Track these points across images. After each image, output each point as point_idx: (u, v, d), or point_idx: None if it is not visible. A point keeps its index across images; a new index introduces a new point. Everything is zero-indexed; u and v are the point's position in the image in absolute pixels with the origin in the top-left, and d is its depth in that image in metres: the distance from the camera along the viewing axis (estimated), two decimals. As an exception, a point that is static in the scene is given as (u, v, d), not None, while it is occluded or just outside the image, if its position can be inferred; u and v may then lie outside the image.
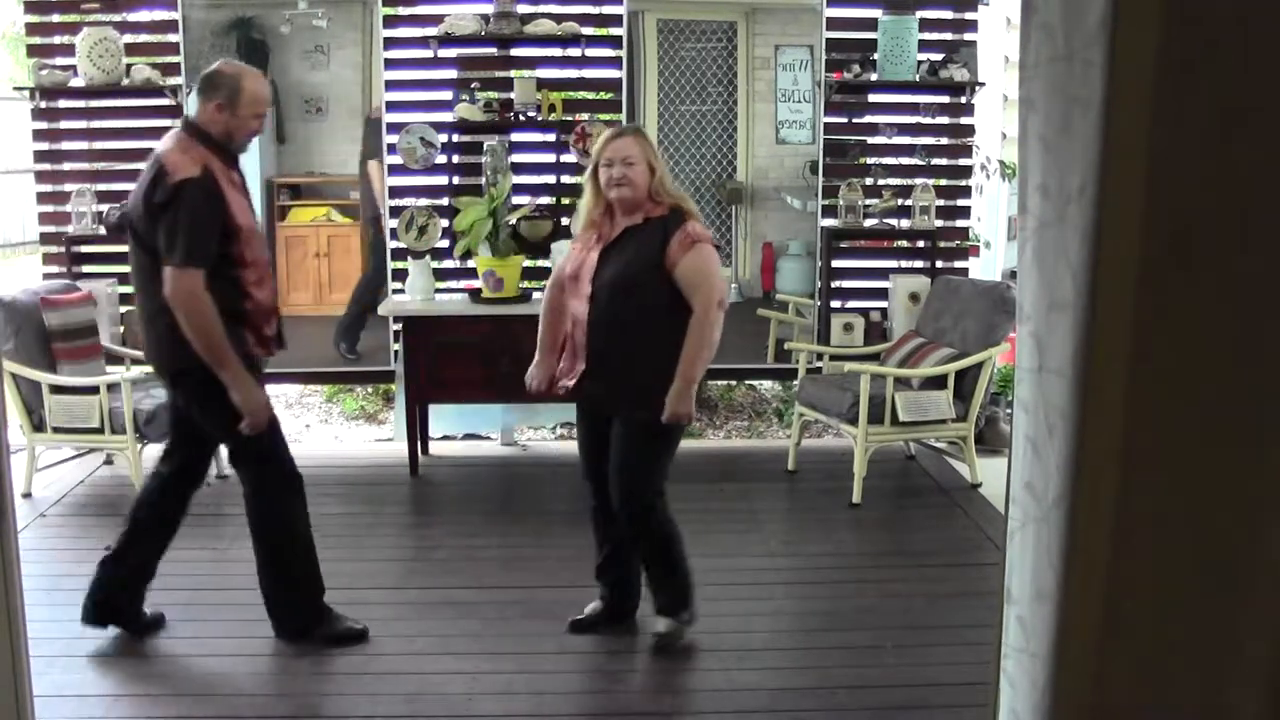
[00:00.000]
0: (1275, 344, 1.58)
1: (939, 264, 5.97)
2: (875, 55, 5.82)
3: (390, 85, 5.77)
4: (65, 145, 5.89)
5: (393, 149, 5.78)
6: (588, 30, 5.81)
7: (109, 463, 5.51)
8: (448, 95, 5.82)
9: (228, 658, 3.58)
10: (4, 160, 11.54)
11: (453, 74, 5.88)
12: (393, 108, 5.78)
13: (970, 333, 5.22)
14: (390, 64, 5.78)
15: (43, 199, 5.94)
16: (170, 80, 5.67)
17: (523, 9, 5.77)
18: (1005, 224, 6.70)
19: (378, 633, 3.73)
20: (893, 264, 6.11)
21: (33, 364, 4.95)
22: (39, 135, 5.85)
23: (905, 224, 5.98)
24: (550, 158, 5.89)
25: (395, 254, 5.85)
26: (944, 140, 6.09)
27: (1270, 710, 1.67)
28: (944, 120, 6.06)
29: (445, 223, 5.79)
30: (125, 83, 5.63)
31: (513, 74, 5.89)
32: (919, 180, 5.96)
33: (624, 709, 3.38)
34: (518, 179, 5.72)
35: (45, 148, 5.87)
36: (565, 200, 5.90)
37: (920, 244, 6.04)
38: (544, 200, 5.90)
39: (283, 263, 5.88)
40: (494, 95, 5.77)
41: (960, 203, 6.21)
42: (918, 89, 5.91)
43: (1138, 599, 1.66)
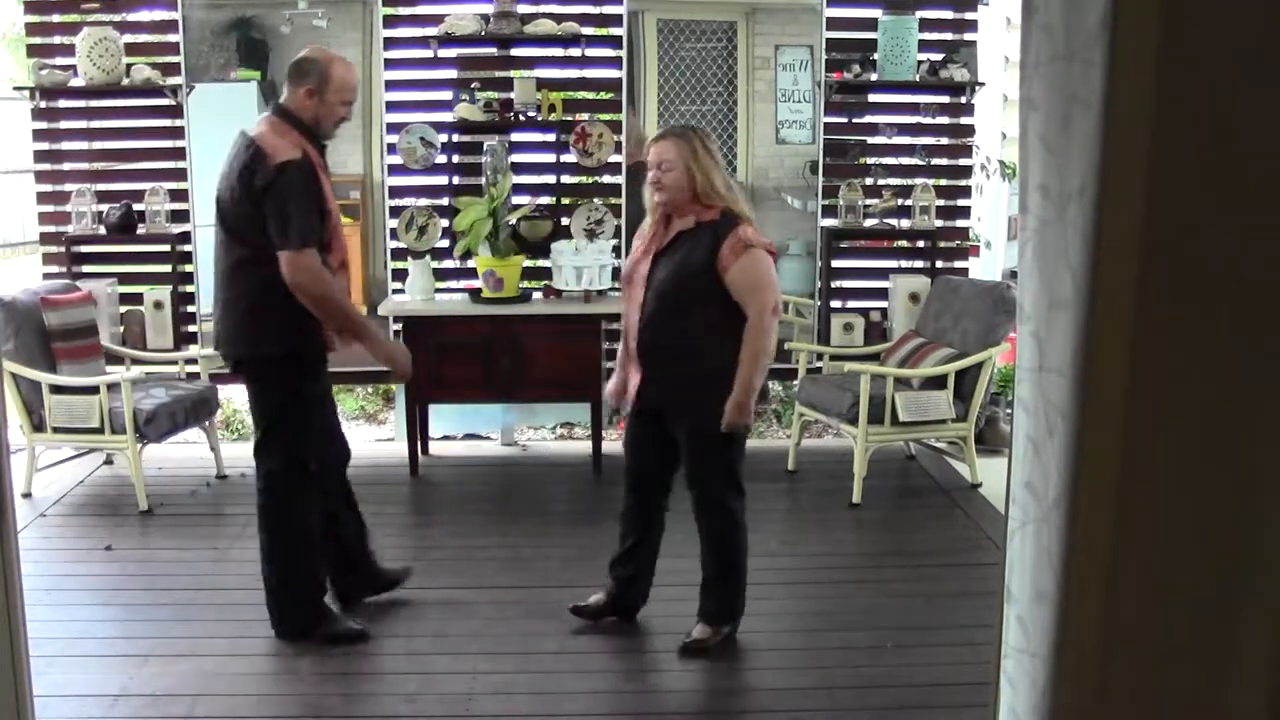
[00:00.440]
0: (1275, 344, 1.58)
1: (939, 264, 5.97)
2: (875, 55, 5.82)
3: (390, 85, 5.78)
4: (65, 145, 5.89)
5: (393, 149, 5.78)
6: (588, 30, 5.81)
7: (109, 463, 5.51)
8: (448, 95, 5.82)
9: (228, 658, 3.58)
10: (4, 160, 11.52)
11: (453, 74, 5.88)
12: (393, 107, 5.78)
13: (970, 333, 5.22)
14: (390, 64, 5.78)
15: (43, 199, 5.94)
16: (170, 80, 5.67)
17: (523, 9, 5.76)
18: (1005, 224, 6.70)
19: (378, 633, 3.73)
20: (893, 264, 6.11)
21: (33, 364, 4.95)
22: (39, 135, 5.85)
23: (905, 224, 5.98)
24: (550, 158, 5.89)
25: (395, 254, 5.85)
26: (944, 140, 6.09)
27: (1270, 710, 1.67)
28: (944, 120, 6.06)
29: (445, 223, 5.79)
30: (125, 83, 5.63)
31: (513, 74, 5.89)
32: (919, 180, 5.96)
33: (624, 709, 3.38)
34: (518, 179, 5.71)
35: (45, 148, 5.87)
36: (565, 200, 5.90)
37: (920, 244, 6.04)
38: (544, 200, 5.89)
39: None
40: (494, 95, 5.76)
41: (960, 203, 6.21)
42: (918, 89, 5.91)
43: (1138, 599, 1.65)
